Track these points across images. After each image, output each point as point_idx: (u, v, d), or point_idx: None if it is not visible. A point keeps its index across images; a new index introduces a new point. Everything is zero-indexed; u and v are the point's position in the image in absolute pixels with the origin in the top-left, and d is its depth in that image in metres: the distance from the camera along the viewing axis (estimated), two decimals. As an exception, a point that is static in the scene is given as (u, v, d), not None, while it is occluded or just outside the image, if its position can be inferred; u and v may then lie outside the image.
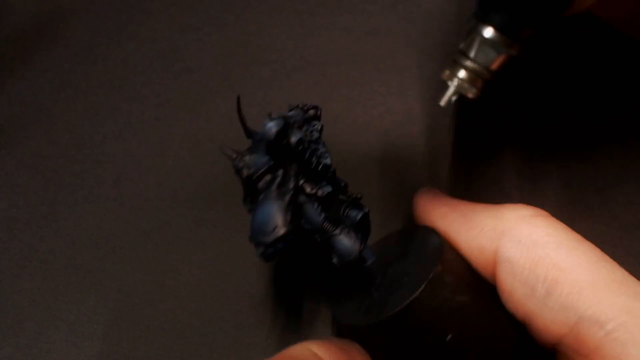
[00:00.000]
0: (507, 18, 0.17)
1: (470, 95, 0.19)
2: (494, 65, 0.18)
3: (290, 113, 0.20)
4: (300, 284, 0.26)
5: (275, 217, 0.17)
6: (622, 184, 0.26)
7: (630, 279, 0.16)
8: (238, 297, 0.26)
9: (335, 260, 0.20)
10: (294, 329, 0.25)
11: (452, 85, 0.19)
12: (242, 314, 0.26)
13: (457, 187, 0.27)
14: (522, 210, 0.19)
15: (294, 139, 0.19)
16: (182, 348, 0.26)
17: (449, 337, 0.18)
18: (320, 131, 0.21)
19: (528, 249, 0.17)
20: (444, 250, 0.19)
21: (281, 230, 0.17)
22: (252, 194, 0.19)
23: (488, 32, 0.17)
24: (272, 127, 0.18)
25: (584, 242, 0.18)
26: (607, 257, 0.17)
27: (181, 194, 0.29)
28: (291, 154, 0.19)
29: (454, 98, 0.19)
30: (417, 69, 0.30)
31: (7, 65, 0.35)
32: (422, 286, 0.18)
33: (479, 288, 0.19)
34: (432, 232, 0.21)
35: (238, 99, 0.19)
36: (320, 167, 0.20)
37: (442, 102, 0.20)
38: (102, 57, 0.34)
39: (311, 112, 0.21)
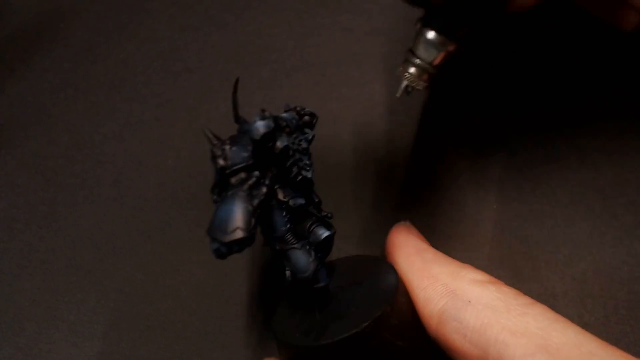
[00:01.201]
0: (442, 22, 0.21)
1: (419, 87, 0.22)
2: (436, 61, 0.22)
3: (285, 115, 0.20)
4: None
5: (238, 218, 0.17)
6: (622, 184, 0.26)
7: (583, 338, 0.16)
8: (238, 297, 0.26)
9: (288, 273, 0.19)
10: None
11: (404, 79, 0.22)
12: (242, 314, 0.26)
13: (456, 187, 0.27)
14: (478, 275, 0.19)
15: (279, 144, 0.18)
16: (182, 348, 0.26)
17: None
18: (310, 141, 0.20)
19: (478, 311, 0.18)
20: (397, 292, 0.19)
21: (240, 234, 0.17)
22: (221, 186, 0.18)
23: (430, 34, 0.21)
24: (260, 126, 0.18)
25: (535, 305, 0.18)
26: (559, 318, 0.17)
27: (181, 194, 0.29)
28: (273, 158, 0.19)
29: (408, 90, 0.23)
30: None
31: (7, 65, 0.35)
32: (368, 323, 0.17)
33: (420, 337, 0.19)
34: (391, 269, 0.21)
35: (237, 80, 0.19)
36: (299, 178, 0.19)
37: (398, 94, 0.23)
38: (102, 57, 0.34)
39: (306, 118, 0.21)
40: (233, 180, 0.18)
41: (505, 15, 0.22)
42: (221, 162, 0.18)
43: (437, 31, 0.21)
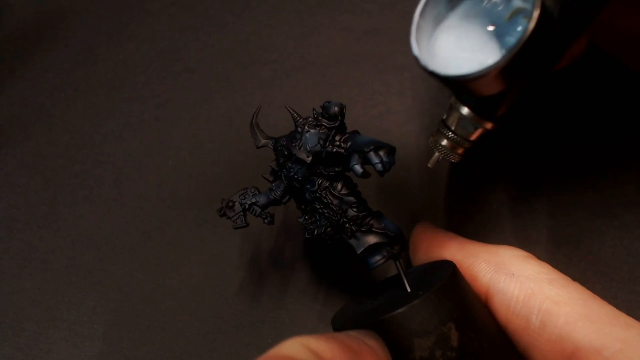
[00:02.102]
0: (476, 102, 0.19)
1: (453, 160, 0.21)
2: (472, 137, 0.20)
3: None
4: (301, 284, 0.26)
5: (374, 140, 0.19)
6: (622, 184, 0.26)
7: (620, 313, 0.17)
8: (238, 297, 0.26)
9: (380, 233, 0.20)
10: (295, 329, 0.25)
11: (437, 151, 0.21)
12: (242, 314, 0.26)
13: (456, 188, 0.27)
14: (515, 250, 0.20)
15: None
16: (182, 348, 0.26)
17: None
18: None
19: (521, 282, 0.18)
20: (451, 276, 0.19)
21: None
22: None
23: (465, 109, 0.19)
24: (333, 104, 0.20)
25: (574, 282, 0.19)
26: (596, 296, 0.18)
27: (181, 194, 0.29)
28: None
29: (439, 160, 0.21)
30: (417, 68, 0.30)
31: (7, 65, 0.35)
32: (449, 273, 0.18)
33: (484, 333, 0.18)
34: (448, 263, 0.20)
35: (258, 109, 0.21)
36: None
37: (430, 164, 0.22)
38: (102, 57, 0.34)
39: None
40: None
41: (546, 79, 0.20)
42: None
43: (473, 110, 0.19)
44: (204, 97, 0.32)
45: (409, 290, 0.19)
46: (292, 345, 0.16)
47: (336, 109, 0.20)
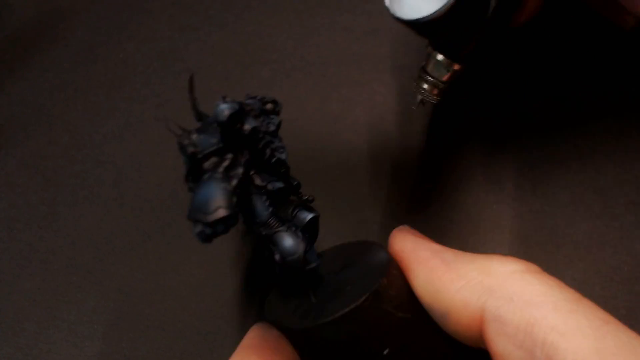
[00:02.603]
0: (447, 47, 0.23)
1: (432, 101, 0.25)
2: (446, 78, 0.24)
3: (248, 101, 0.20)
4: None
5: (219, 198, 0.16)
6: (622, 184, 0.26)
7: (637, 343, 0.15)
8: (238, 297, 0.26)
9: (277, 257, 0.19)
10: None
11: (419, 94, 0.25)
12: (242, 314, 0.26)
13: (455, 188, 0.27)
14: (512, 265, 0.18)
15: (247, 126, 0.18)
16: (182, 348, 0.26)
17: (386, 351, 0.17)
18: (278, 126, 0.20)
19: (522, 309, 0.16)
20: (390, 266, 0.19)
21: (222, 212, 0.16)
22: (195, 173, 0.18)
23: (439, 56, 0.24)
24: (225, 109, 0.17)
25: (582, 301, 0.16)
26: (611, 319, 0.15)
27: (181, 194, 0.29)
28: (243, 141, 0.18)
29: (423, 102, 0.25)
30: (417, 68, 0.30)
31: (7, 65, 0.35)
32: (367, 295, 0.17)
33: (422, 310, 0.18)
34: (380, 248, 0.20)
35: (191, 78, 0.18)
36: (273, 159, 0.19)
37: (414, 107, 0.26)
38: (102, 57, 0.34)
39: (269, 105, 0.20)
40: (206, 165, 0.18)
41: (509, 31, 0.23)
42: (191, 149, 0.18)
43: (444, 54, 0.23)
44: (204, 97, 0.32)
45: (313, 301, 0.19)
46: None
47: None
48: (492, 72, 0.29)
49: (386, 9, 0.21)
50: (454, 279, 0.18)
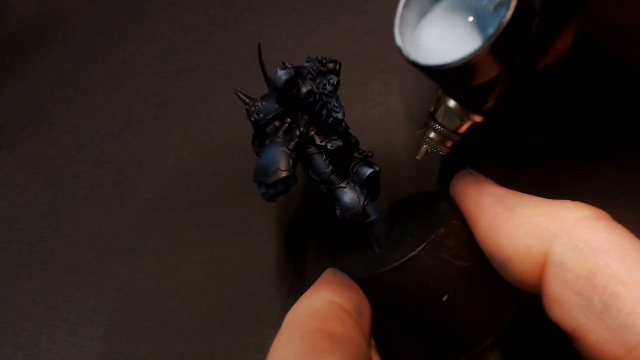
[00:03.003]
0: (462, 94, 0.19)
1: (442, 153, 0.21)
2: (460, 130, 0.20)
3: (306, 64, 0.21)
4: (301, 283, 0.26)
5: (278, 161, 0.18)
6: (622, 184, 0.26)
7: None
8: (238, 297, 0.26)
9: (338, 211, 0.20)
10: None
11: (425, 144, 0.21)
12: (242, 314, 0.26)
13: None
14: (581, 210, 0.17)
15: (304, 89, 0.19)
16: (182, 348, 0.26)
17: (445, 297, 0.18)
18: (336, 85, 0.21)
19: (586, 256, 0.15)
20: (449, 216, 0.19)
21: (282, 174, 0.18)
22: (260, 138, 0.20)
23: (451, 102, 0.19)
24: (281, 75, 0.18)
25: None
26: None
27: (181, 194, 0.29)
28: (301, 104, 0.19)
29: (428, 152, 0.21)
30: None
31: (7, 65, 0.35)
32: (423, 245, 0.18)
33: (481, 259, 0.19)
34: (440, 198, 0.21)
35: (259, 46, 0.20)
36: (330, 120, 0.20)
37: (418, 157, 0.22)
38: (102, 57, 0.34)
39: (330, 65, 0.21)
40: (268, 129, 0.19)
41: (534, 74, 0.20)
42: (255, 116, 0.19)
43: (459, 102, 0.19)
44: (204, 97, 0.32)
45: (377, 251, 0.20)
46: (318, 302, 0.17)
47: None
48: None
49: (398, 50, 0.17)
50: (518, 225, 0.17)
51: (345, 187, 0.20)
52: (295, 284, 0.26)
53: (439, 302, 0.18)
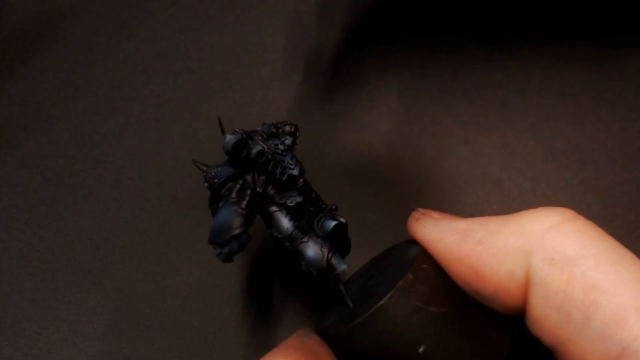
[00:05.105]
0: None
1: None
2: None
3: (258, 129, 0.21)
4: (300, 284, 0.26)
5: (231, 220, 0.19)
6: (622, 184, 0.26)
7: None
8: (238, 297, 0.26)
9: (303, 267, 0.20)
10: (295, 329, 0.25)
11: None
12: (242, 314, 0.26)
13: (456, 187, 0.27)
14: (547, 218, 0.16)
15: (254, 150, 0.20)
16: (182, 348, 0.26)
17: (421, 348, 0.17)
18: (291, 145, 0.22)
19: (562, 268, 0.15)
20: (418, 260, 0.18)
21: (235, 231, 0.18)
22: (217, 201, 0.20)
23: None
24: (230, 140, 0.19)
25: (624, 252, 0.15)
26: None
27: (181, 194, 0.29)
28: (254, 164, 0.20)
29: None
30: (417, 68, 0.30)
31: (7, 65, 0.35)
32: (390, 293, 0.17)
33: (462, 301, 0.18)
34: (411, 244, 0.20)
35: (219, 120, 0.20)
36: (285, 177, 0.20)
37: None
38: (102, 57, 0.34)
39: (286, 127, 0.22)
40: (222, 191, 0.20)
41: None
42: (210, 181, 0.20)
43: None
44: (204, 97, 0.32)
45: (350, 306, 0.19)
46: None
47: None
48: (489, 65, 0.29)
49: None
50: (494, 254, 0.16)
51: (307, 242, 0.20)
52: (295, 283, 0.26)
53: (416, 354, 0.17)
